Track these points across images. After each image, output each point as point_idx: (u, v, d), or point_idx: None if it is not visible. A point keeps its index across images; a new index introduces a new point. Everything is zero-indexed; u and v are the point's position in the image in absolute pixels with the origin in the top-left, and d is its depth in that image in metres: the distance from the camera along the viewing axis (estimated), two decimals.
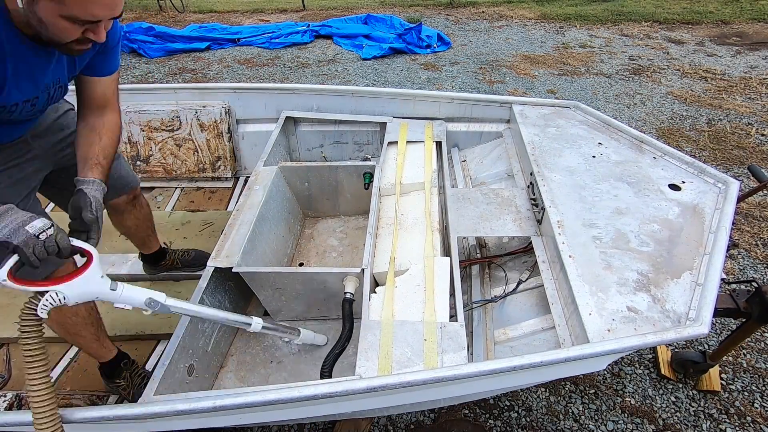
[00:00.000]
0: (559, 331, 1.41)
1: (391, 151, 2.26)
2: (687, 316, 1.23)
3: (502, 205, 1.90)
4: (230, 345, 1.79)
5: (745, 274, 2.55)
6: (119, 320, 1.98)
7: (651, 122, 4.12)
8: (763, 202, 3.07)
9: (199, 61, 5.79)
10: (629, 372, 2.08)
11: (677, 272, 1.37)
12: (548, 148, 1.96)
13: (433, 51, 5.90)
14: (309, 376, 1.67)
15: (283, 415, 1.25)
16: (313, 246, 2.26)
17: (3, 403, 1.59)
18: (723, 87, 4.72)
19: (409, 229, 1.80)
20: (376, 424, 1.90)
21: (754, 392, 1.99)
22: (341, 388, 1.06)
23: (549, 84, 4.94)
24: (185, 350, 1.45)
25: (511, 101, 2.36)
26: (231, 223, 1.79)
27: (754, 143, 3.73)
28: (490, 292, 1.83)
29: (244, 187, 2.02)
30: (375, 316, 1.44)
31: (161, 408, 1.06)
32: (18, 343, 1.90)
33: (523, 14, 7.39)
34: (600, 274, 1.38)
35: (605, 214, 1.59)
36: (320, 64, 5.66)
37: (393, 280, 1.57)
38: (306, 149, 2.72)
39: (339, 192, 2.27)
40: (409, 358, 1.29)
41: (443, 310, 1.43)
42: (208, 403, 1.05)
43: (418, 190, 2.01)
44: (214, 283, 1.63)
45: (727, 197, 1.60)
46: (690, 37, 6.13)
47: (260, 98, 2.60)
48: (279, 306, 1.78)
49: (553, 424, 1.89)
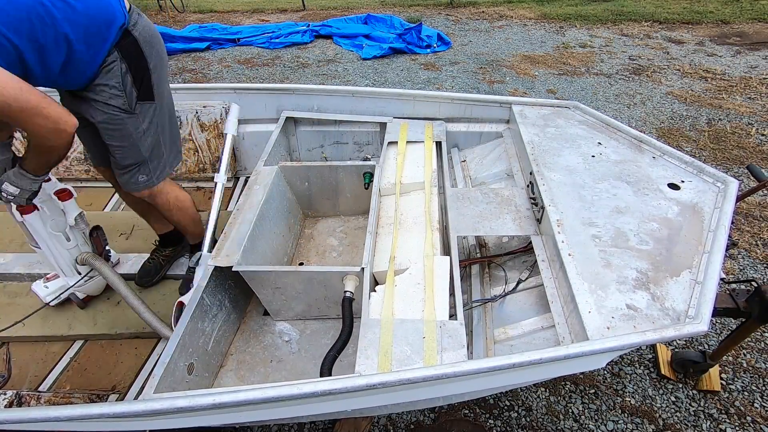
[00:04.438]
0: (558, 329, 1.41)
1: (391, 151, 2.26)
2: (686, 314, 1.23)
3: (502, 204, 1.90)
4: (230, 344, 1.79)
5: (745, 274, 2.55)
6: (120, 319, 1.98)
7: (651, 122, 4.12)
8: (762, 201, 3.07)
9: (199, 61, 5.80)
10: (629, 372, 2.08)
11: (676, 270, 1.37)
12: (548, 148, 1.96)
13: (433, 51, 5.90)
14: (309, 375, 1.68)
15: (283, 413, 1.25)
16: (313, 246, 2.26)
17: (3, 401, 1.60)
18: (723, 87, 4.72)
19: (409, 228, 1.81)
20: (376, 424, 1.90)
21: (754, 392, 1.99)
22: (341, 385, 1.07)
23: (549, 84, 4.94)
24: (185, 349, 1.45)
25: (510, 101, 2.36)
26: (231, 222, 1.80)
27: (754, 143, 3.73)
28: (490, 291, 1.83)
29: (244, 187, 2.03)
30: (375, 314, 1.44)
31: (161, 405, 1.06)
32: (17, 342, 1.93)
33: (523, 14, 7.39)
34: (599, 272, 1.38)
35: (605, 213, 1.59)
36: (320, 64, 5.67)
37: (393, 279, 1.57)
38: (306, 149, 2.73)
39: (339, 192, 2.27)
40: (408, 356, 1.29)
41: (443, 309, 1.43)
42: (209, 400, 1.06)
43: (418, 189, 2.01)
44: (214, 282, 1.64)
45: (726, 196, 1.60)
46: (690, 37, 6.14)
47: (260, 98, 2.61)
48: (279, 305, 1.79)
49: (553, 424, 1.89)
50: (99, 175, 1.99)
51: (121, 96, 1.52)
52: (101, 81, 1.48)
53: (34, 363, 1.88)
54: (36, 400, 1.70)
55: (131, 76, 1.51)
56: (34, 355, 1.91)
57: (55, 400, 1.70)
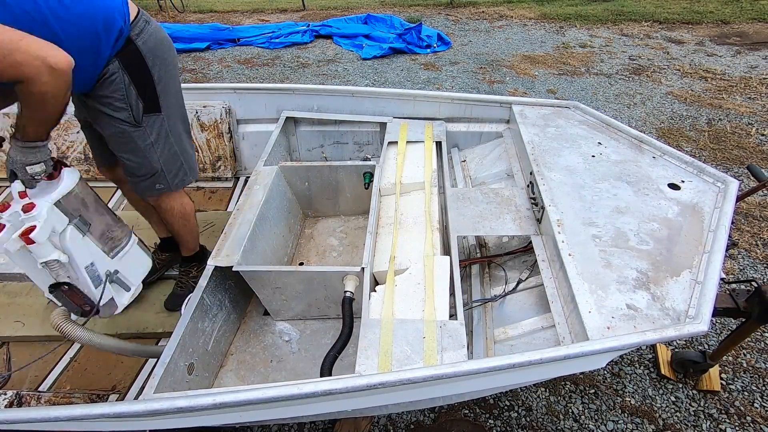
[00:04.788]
0: (558, 329, 1.41)
1: (391, 151, 2.26)
2: (686, 314, 1.23)
3: (502, 204, 1.90)
4: (230, 344, 1.79)
5: (745, 274, 2.55)
6: (120, 319, 1.98)
7: (651, 122, 4.12)
8: (762, 201, 3.07)
9: (199, 61, 5.80)
10: (629, 372, 2.08)
11: (677, 270, 1.37)
12: (548, 148, 1.96)
13: (433, 51, 5.90)
14: (309, 375, 1.68)
15: (283, 413, 1.25)
16: (313, 245, 2.26)
17: (3, 401, 1.60)
18: (723, 87, 4.72)
19: (409, 228, 1.81)
20: (376, 424, 1.90)
21: (754, 392, 1.99)
22: (341, 385, 1.07)
23: (549, 84, 4.94)
24: (185, 349, 1.45)
25: (510, 101, 2.36)
26: (231, 222, 1.80)
27: (754, 143, 3.73)
28: (490, 291, 1.83)
29: (244, 187, 2.03)
30: (375, 314, 1.44)
31: (161, 405, 1.06)
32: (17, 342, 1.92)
33: (523, 14, 7.39)
34: (599, 272, 1.38)
35: (605, 213, 1.59)
36: (320, 64, 5.67)
37: (393, 279, 1.57)
38: (306, 149, 2.73)
39: (339, 192, 2.27)
40: (408, 356, 1.29)
41: (443, 309, 1.43)
42: (209, 400, 1.06)
43: (418, 189, 2.01)
44: (214, 282, 1.64)
45: (727, 196, 1.60)
46: (690, 37, 6.13)
47: (260, 98, 2.61)
48: (279, 305, 1.79)
49: (553, 424, 1.89)
50: (99, 174, 1.98)
51: (126, 109, 1.47)
52: (105, 92, 1.44)
53: (34, 363, 1.88)
54: (36, 401, 1.70)
55: (135, 88, 1.46)
56: (34, 355, 1.91)
57: (55, 400, 1.70)
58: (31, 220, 1.25)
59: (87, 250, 1.41)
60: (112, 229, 1.54)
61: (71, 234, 1.34)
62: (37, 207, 1.26)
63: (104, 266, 1.49)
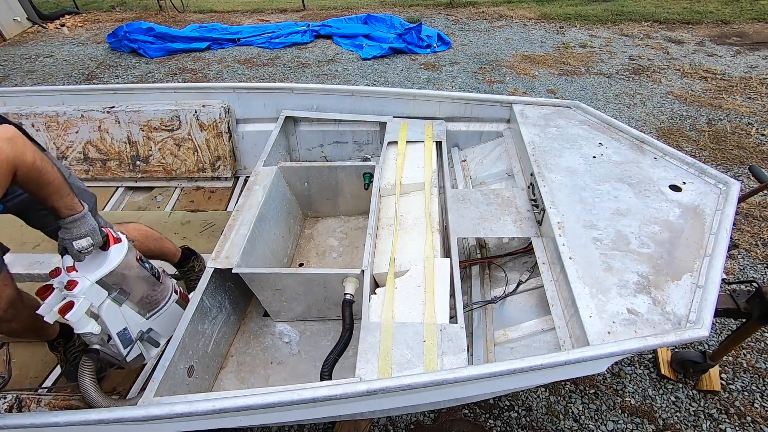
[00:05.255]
0: (559, 332, 1.41)
1: (391, 151, 2.25)
2: (687, 319, 1.22)
3: (503, 205, 1.90)
4: (230, 346, 1.79)
5: (746, 274, 2.55)
6: None
7: (651, 122, 4.11)
8: (763, 202, 3.07)
9: (199, 61, 5.79)
10: (629, 372, 2.08)
11: (678, 274, 1.36)
12: (548, 149, 1.95)
13: (433, 51, 5.89)
14: (309, 377, 1.67)
15: (283, 417, 1.25)
16: (313, 246, 2.26)
17: (3, 405, 1.59)
18: (723, 87, 4.71)
19: (409, 229, 1.80)
20: (376, 424, 1.90)
21: (754, 392, 1.99)
22: (341, 391, 1.06)
23: (549, 84, 4.93)
24: (185, 351, 1.45)
25: (511, 101, 2.36)
26: (231, 223, 1.79)
27: (754, 143, 3.72)
28: (490, 292, 1.82)
29: (243, 187, 2.02)
30: (375, 317, 1.44)
31: (160, 410, 1.06)
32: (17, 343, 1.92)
33: (523, 14, 7.37)
34: (600, 275, 1.38)
35: (606, 216, 1.59)
36: (320, 64, 5.66)
37: (393, 281, 1.57)
38: (306, 149, 2.72)
39: (339, 192, 2.27)
40: (408, 360, 1.28)
41: (443, 312, 1.43)
42: (208, 405, 1.05)
43: (418, 190, 2.01)
44: (213, 284, 1.63)
45: (728, 198, 1.60)
46: (690, 37, 6.12)
47: (260, 98, 2.60)
48: (279, 307, 1.78)
49: (553, 424, 1.89)
50: (99, 174, 1.94)
51: None
52: None
53: (34, 364, 1.87)
54: (36, 403, 1.70)
55: None
56: (34, 355, 1.90)
57: (55, 402, 1.70)
58: (71, 297, 1.29)
59: (121, 317, 1.43)
60: (153, 294, 1.53)
61: (107, 306, 1.37)
62: (79, 285, 1.29)
63: (137, 327, 1.50)
